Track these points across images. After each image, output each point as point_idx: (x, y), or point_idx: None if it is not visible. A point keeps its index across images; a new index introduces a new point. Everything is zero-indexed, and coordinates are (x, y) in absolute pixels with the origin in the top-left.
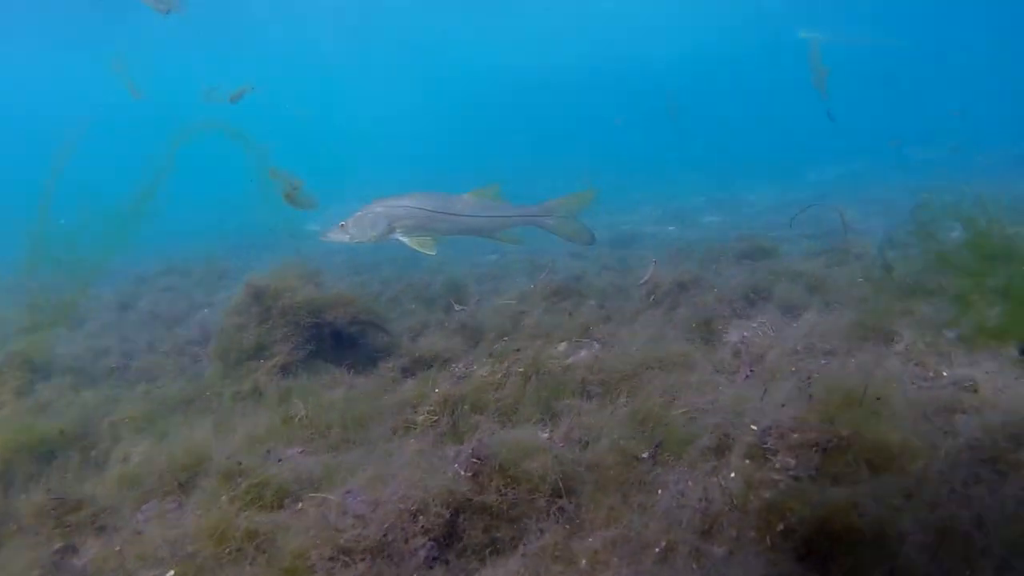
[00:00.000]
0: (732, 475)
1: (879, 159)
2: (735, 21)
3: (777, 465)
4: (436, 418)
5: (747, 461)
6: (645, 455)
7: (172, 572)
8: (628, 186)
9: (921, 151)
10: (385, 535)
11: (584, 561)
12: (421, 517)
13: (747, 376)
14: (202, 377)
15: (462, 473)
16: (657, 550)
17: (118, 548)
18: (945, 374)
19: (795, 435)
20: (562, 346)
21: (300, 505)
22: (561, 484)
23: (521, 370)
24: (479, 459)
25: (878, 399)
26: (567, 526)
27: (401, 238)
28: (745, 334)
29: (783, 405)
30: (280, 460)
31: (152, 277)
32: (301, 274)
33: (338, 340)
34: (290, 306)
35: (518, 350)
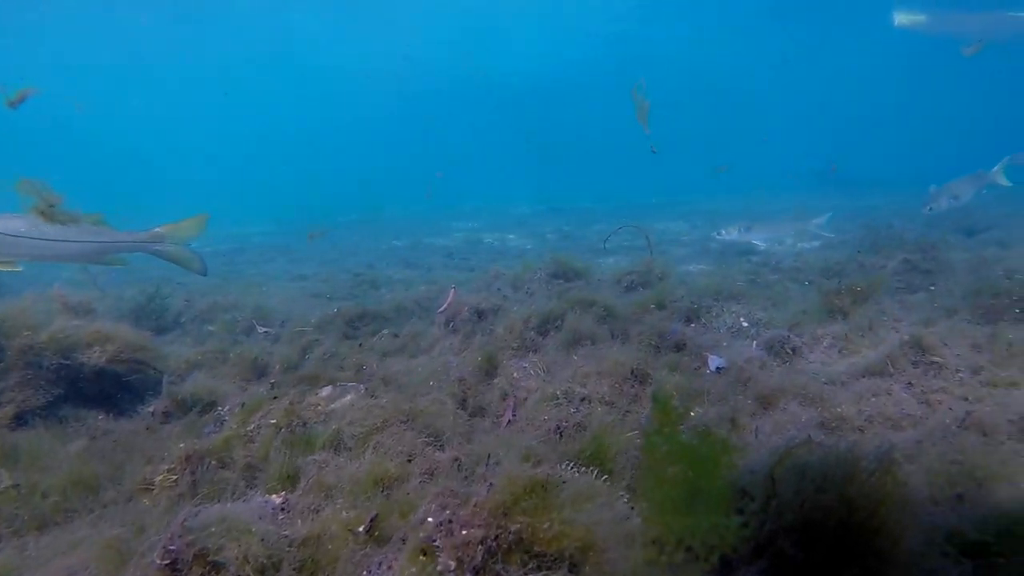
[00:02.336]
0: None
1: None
2: (588, 37)
3: (439, 567)
4: (176, 477)
5: (422, 557)
6: (362, 528)
7: None
8: (468, 195)
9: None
10: None
11: None
12: None
13: (509, 422)
14: None
15: (157, 562)
16: None
17: None
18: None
19: (463, 532)
20: (326, 390)
21: None
22: (254, 574)
23: (273, 421)
24: (174, 547)
25: (564, 481)
26: None
27: None
28: (515, 375)
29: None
30: None
31: None
32: (60, 306)
33: (100, 381)
34: (30, 346)
35: (275, 398)
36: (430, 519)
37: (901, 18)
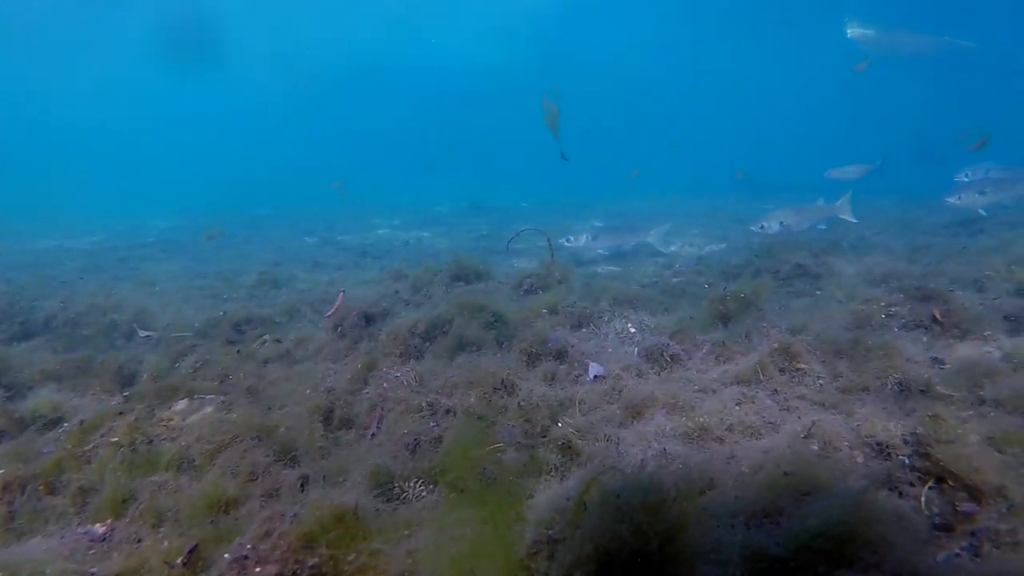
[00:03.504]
0: None
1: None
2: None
3: None
4: None
5: None
6: (180, 560)
7: None
8: (390, 191)
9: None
10: None
11: None
12: None
13: (373, 435)
14: None
15: None
16: None
17: None
18: (540, 431)
19: (258, 568)
20: (182, 404)
21: None
22: None
23: (115, 440)
24: None
25: (377, 509)
26: None
27: None
28: (385, 384)
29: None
30: None
31: None
32: None
33: None
34: None
35: (121, 413)
36: (227, 555)
37: (853, 30)
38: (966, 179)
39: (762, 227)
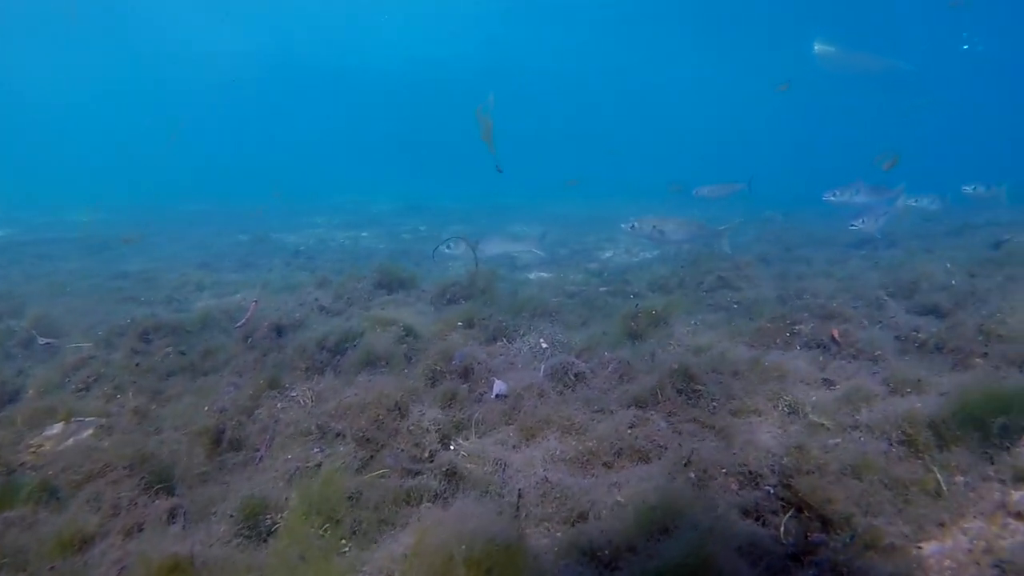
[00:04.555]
0: None
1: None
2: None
3: None
4: None
5: None
6: None
7: None
8: (329, 189)
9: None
10: None
11: None
12: None
13: (260, 459)
14: None
15: None
16: None
17: None
18: (428, 455)
19: None
20: (57, 428)
21: None
22: None
23: None
24: None
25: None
26: None
27: None
28: (280, 404)
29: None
30: None
31: None
32: None
33: None
34: None
35: None
36: None
37: (819, 47)
38: (834, 199)
39: (632, 226)
